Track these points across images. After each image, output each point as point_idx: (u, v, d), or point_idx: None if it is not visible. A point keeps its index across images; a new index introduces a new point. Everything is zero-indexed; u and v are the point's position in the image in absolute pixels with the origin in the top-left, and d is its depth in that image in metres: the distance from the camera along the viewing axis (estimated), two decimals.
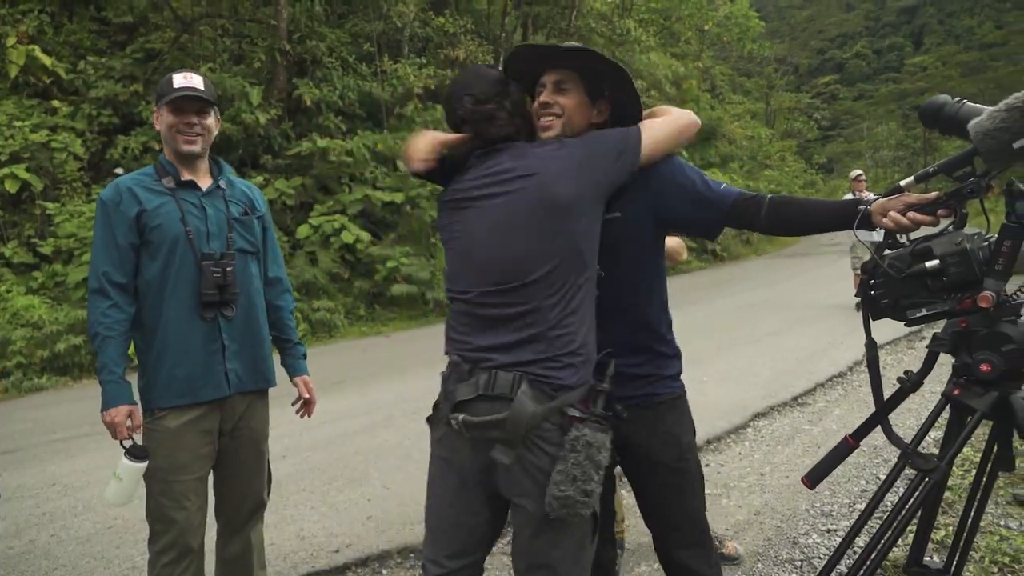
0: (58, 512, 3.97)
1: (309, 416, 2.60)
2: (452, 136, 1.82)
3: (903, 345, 7.41)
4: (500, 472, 1.59)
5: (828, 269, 14.35)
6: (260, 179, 11.52)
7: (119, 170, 11.03)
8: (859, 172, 9.84)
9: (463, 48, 14.71)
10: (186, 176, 2.26)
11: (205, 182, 2.30)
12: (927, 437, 1.71)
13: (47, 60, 10.95)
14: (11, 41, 10.70)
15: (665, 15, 20.76)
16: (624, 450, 1.87)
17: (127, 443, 2.10)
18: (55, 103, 11.04)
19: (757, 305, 10.74)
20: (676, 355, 1.94)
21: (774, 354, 7.22)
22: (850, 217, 1.58)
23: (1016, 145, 1.33)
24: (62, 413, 6.37)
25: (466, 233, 1.73)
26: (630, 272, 1.82)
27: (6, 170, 9.59)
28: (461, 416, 1.58)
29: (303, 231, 11.40)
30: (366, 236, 11.75)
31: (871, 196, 1.68)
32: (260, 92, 11.93)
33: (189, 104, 2.20)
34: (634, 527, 3.27)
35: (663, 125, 1.75)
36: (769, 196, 1.72)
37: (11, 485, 4.45)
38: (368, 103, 13.72)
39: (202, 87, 2.22)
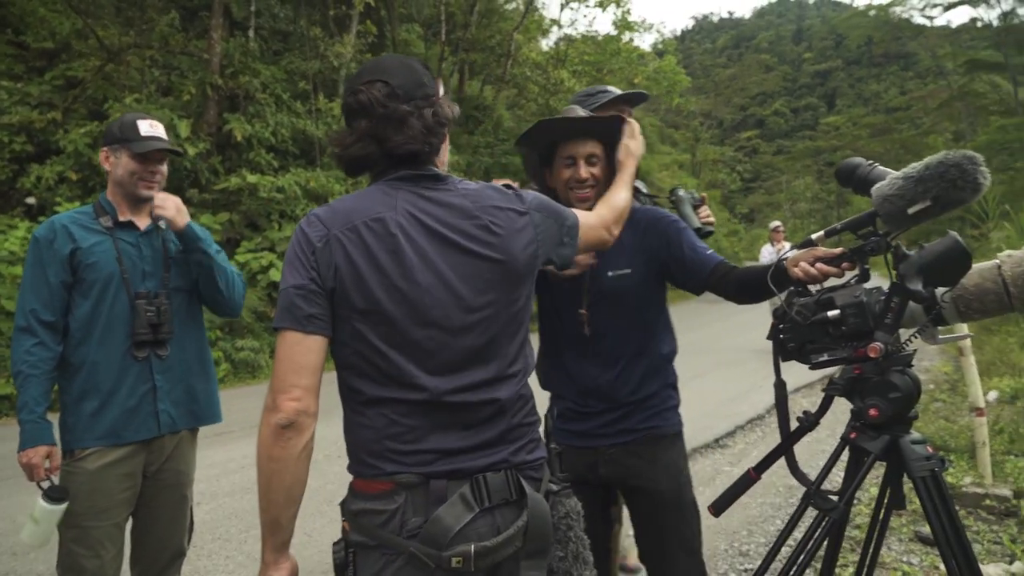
0: None
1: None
2: None
3: (817, 388, 7.75)
4: None
5: (749, 314, 14.76)
6: None
7: (31, 199, 10.55)
8: (778, 223, 10.38)
9: None
10: (125, 216, 2.25)
11: (144, 222, 2.29)
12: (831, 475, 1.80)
13: None
14: None
15: (598, 68, 21.47)
16: (630, 488, 2.00)
17: (44, 484, 2.03)
18: None
19: (682, 348, 10.95)
20: (675, 386, 2.15)
21: (697, 397, 7.39)
22: (776, 273, 1.74)
23: (911, 211, 1.45)
24: None
25: (421, 292, 1.30)
26: (639, 315, 2.04)
27: None
28: (472, 548, 1.24)
29: None
30: None
31: (787, 249, 1.83)
32: (189, 125, 11.67)
33: (157, 154, 2.23)
34: None
35: (596, 220, 1.63)
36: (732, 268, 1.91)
37: None
38: (302, 140, 13.62)
39: (164, 136, 2.26)
